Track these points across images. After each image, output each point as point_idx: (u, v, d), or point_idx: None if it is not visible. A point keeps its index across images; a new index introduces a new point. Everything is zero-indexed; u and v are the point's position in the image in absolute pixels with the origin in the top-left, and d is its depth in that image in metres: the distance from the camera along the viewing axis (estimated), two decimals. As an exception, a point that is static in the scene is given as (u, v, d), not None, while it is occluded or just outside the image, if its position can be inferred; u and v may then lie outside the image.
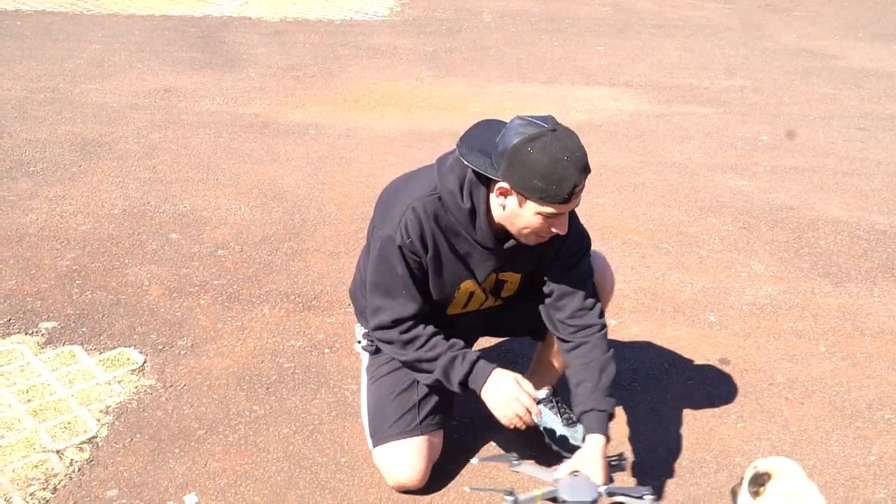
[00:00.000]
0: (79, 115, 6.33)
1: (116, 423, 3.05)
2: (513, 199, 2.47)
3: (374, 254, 2.66)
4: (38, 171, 5.31)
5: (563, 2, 11.20)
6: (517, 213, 2.49)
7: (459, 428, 3.09)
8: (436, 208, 2.59)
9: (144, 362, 3.42)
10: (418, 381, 2.81)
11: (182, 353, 3.50)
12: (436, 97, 7.04)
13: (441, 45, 8.83)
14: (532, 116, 2.46)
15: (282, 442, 3.00)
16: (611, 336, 3.61)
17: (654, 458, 2.98)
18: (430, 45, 8.81)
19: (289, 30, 9.30)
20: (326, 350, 3.54)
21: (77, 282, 4.01)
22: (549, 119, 2.45)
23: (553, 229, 2.50)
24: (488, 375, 2.62)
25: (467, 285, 2.73)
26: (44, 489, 2.72)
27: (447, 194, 2.57)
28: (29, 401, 3.16)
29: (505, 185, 2.45)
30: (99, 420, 3.06)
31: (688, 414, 3.23)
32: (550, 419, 2.97)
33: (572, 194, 2.40)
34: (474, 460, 2.85)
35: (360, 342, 3.00)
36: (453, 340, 2.67)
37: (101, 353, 3.47)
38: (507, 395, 2.59)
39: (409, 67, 7.96)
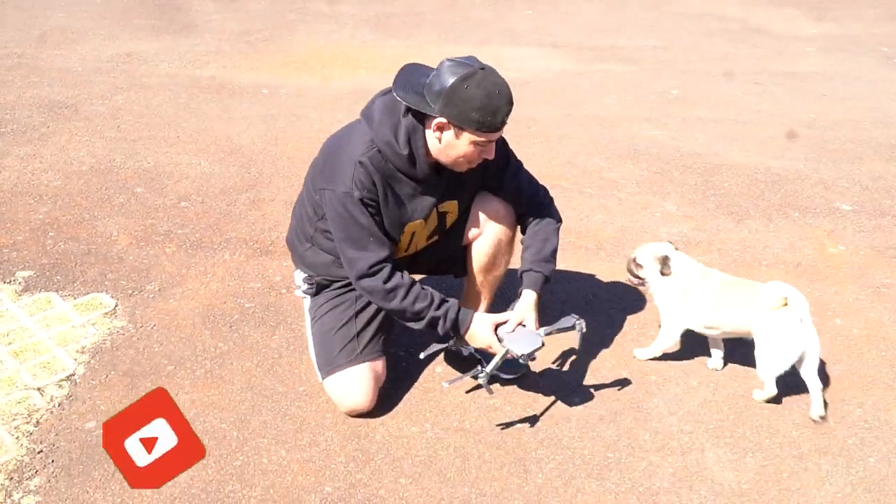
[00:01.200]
0: (45, 79, 6.13)
1: (92, 361, 3.01)
2: (449, 133, 2.53)
3: (333, 212, 2.64)
4: (9, 131, 5.14)
5: (493, -30, 11.07)
6: (453, 144, 2.55)
7: (405, 357, 3.10)
8: (378, 159, 2.60)
9: (116, 306, 3.37)
10: (356, 315, 2.84)
11: (150, 296, 3.45)
12: (379, 58, 6.95)
13: (382, 11, 8.69)
14: (458, 58, 2.51)
15: (245, 374, 2.98)
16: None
17: (580, 377, 3.03)
18: (372, 11, 8.67)
19: (241, -2, 9.07)
20: (283, 290, 3.52)
21: (50, 234, 3.91)
22: (472, 59, 2.50)
23: (483, 156, 2.59)
24: (468, 325, 2.68)
25: (411, 227, 2.75)
26: (27, 423, 2.68)
27: (384, 145, 2.58)
28: (10, 343, 3.09)
29: (443, 120, 2.49)
30: (76, 359, 3.01)
31: (608, 338, 3.28)
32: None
33: (503, 123, 2.50)
34: (445, 384, 2.88)
35: (299, 287, 2.99)
36: (431, 293, 2.67)
37: (75, 299, 3.40)
38: (482, 343, 2.69)
39: (353, 31, 7.83)
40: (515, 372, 2.98)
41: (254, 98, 5.92)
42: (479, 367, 2.69)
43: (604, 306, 3.51)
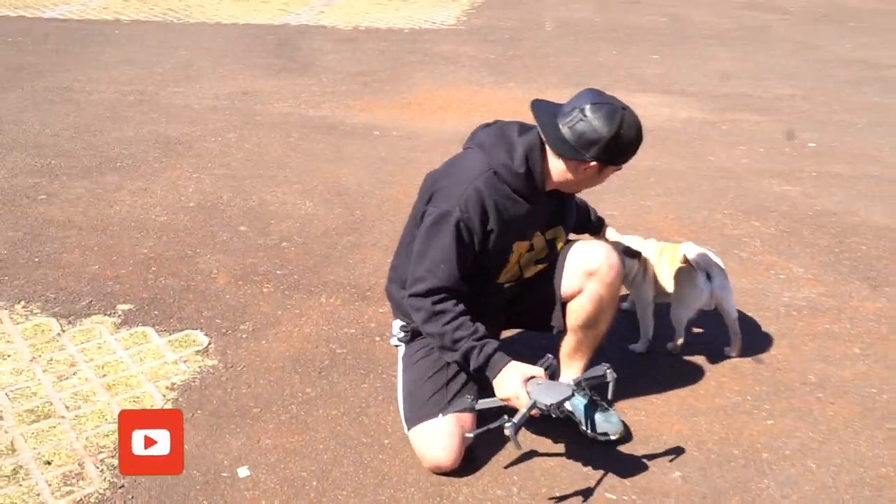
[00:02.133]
0: (163, 116, 6.48)
1: (180, 399, 3.12)
2: (594, 170, 2.72)
3: (425, 226, 2.74)
4: (125, 166, 5.45)
5: (622, 12, 11.09)
6: (593, 179, 2.77)
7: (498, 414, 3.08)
8: (494, 182, 2.72)
9: (209, 344, 3.49)
10: (448, 364, 2.86)
11: (243, 336, 3.56)
12: (494, 102, 7.04)
13: (503, 53, 8.82)
14: (589, 95, 2.72)
15: (330, 423, 3.03)
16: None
17: (685, 452, 2.94)
18: (492, 53, 8.80)
19: (360, 38, 9.39)
20: (377, 338, 3.57)
21: (152, 268, 4.11)
22: (594, 93, 2.74)
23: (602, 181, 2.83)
24: (500, 369, 2.66)
25: (519, 247, 2.85)
26: (112, 457, 2.79)
27: (501, 167, 2.72)
28: (104, 376, 3.25)
29: (594, 164, 2.67)
30: (164, 396, 3.14)
31: (719, 409, 3.18)
32: (583, 406, 2.95)
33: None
34: (468, 435, 2.79)
35: (395, 335, 3.06)
36: (477, 326, 2.70)
37: (170, 335, 3.55)
38: (509, 393, 2.64)
39: (470, 74, 7.96)
40: (613, 433, 2.92)
41: (365, 139, 6.09)
42: (506, 417, 2.62)
43: (715, 373, 3.41)
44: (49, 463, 2.77)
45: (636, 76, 8.06)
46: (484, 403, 2.71)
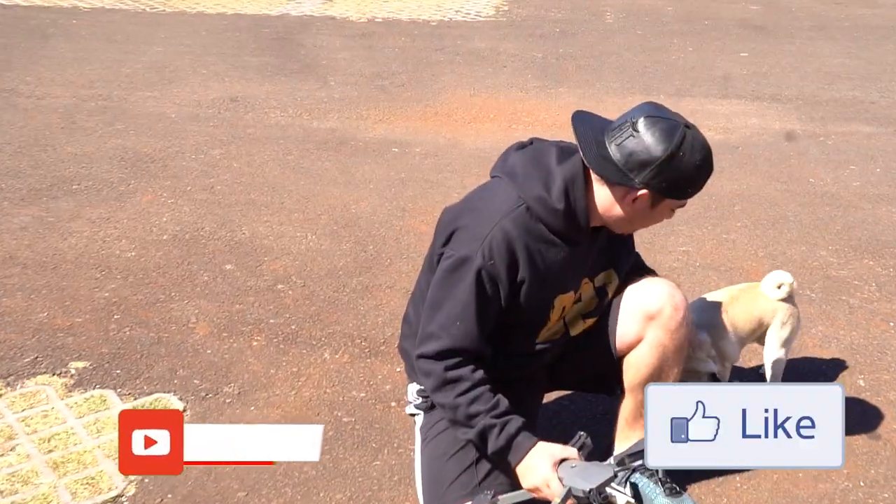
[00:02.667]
0: (132, 127, 6.56)
1: (146, 480, 3.12)
2: (645, 202, 2.65)
3: (441, 273, 2.73)
4: (82, 189, 5.52)
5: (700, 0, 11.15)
6: (646, 214, 2.71)
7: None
8: (526, 221, 2.68)
9: (184, 411, 3.49)
10: None
11: (228, 401, 3.57)
12: (542, 112, 7.07)
13: (552, 51, 8.87)
14: (647, 110, 2.63)
15: (334, 510, 3.02)
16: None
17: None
18: (539, 51, 8.85)
19: (377, 32, 9.49)
20: (393, 404, 3.57)
21: (115, 316, 4.13)
22: (654, 107, 2.64)
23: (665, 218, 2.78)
24: (526, 452, 2.64)
25: (562, 300, 2.82)
26: None
27: (535, 201, 2.67)
28: (49, 451, 3.26)
29: (645, 192, 2.62)
30: (127, 476, 3.13)
31: (824, 496, 3.14)
32: (650, 489, 2.92)
33: (700, 189, 2.70)
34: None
35: (411, 402, 3.06)
36: (497, 399, 2.67)
37: (136, 399, 3.56)
38: (537, 481, 2.60)
39: (512, 77, 8.01)
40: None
41: (381, 157, 6.12)
42: None
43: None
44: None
45: (718, 79, 8.06)
46: (508, 499, 2.68)
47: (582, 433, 2.67)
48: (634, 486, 2.92)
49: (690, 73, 8.24)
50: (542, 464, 2.60)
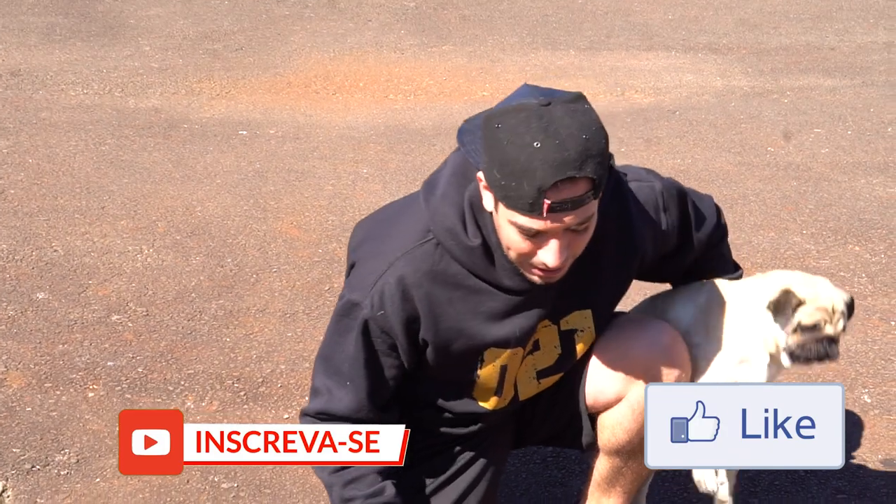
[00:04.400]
0: None
1: (-31, 585, 3.00)
2: (490, 201, 2.45)
3: (333, 316, 2.68)
4: None
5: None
6: (499, 224, 2.45)
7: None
8: (432, 262, 2.56)
9: (3, 492, 3.38)
10: (432, 497, 2.87)
11: (63, 472, 3.46)
12: (425, 77, 7.07)
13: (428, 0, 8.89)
14: (549, 90, 2.44)
15: None
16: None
17: None
18: (411, 0, 8.86)
19: (198, -19, 9.38)
20: (286, 460, 3.51)
21: None
22: (570, 95, 2.38)
23: (539, 254, 2.41)
24: None
25: (495, 358, 2.69)
26: None
27: (445, 235, 2.54)
28: None
29: (482, 176, 2.41)
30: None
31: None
32: None
33: (539, 203, 2.29)
34: None
35: None
36: (383, 485, 2.68)
37: (-67, 482, 3.42)
38: None
39: (381, 33, 8.00)
40: None
41: (225, 143, 6.04)
42: None
43: (825, 486, 3.43)
44: None
45: (639, 26, 8.20)
46: None
47: None
48: None
49: (604, 20, 8.36)
50: None
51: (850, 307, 2.80)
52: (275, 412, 3.75)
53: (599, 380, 2.83)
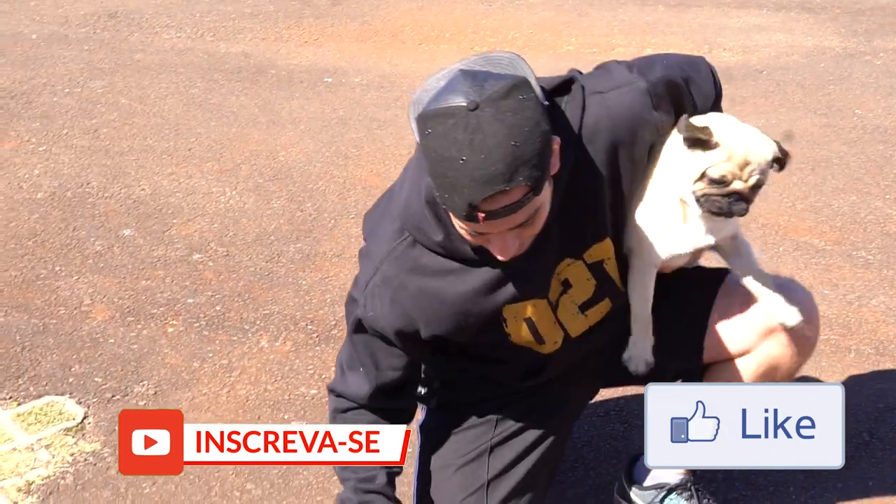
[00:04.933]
0: (-20, 52, 6.48)
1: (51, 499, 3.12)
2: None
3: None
4: (-76, 135, 5.46)
5: None
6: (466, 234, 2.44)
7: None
8: (413, 259, 2.56)
9: (84, 417, 3.49)
10: (491, 451, 2.86)
11: (141, 403, 3.57)
12: (512, 29, 7.06)
13: (519, -50, 8.87)
14: (484, 76, 2.31)
15: (290, 538, 3.05)
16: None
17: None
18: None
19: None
20: (354, 402, 3.58)
21: (-15, 298, 4.11)
22: (504, 87, 2.28)
23: (490, 248, 2.42)
24: None
25: (515, 314, 2.67)
26: None
27: (417, 232, 2.53)
28: None
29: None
30: (16, 502, 3.12)
31: (901, 506, 3.22)
32: None
33: (474, 215, 2.27)
34: None
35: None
36: (374, 474, 2.74)
37: (19, 405, 3.54)
38: None
39: (473, -17, 8.00)
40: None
41: (311, 90, 6.10)
42: None
43: (891, 453, 3.44)
44: None
45: (732, -16, 8.12)
46: None
47: None
48: None
49: (698, -25, 8.29)
50: None
51: (780, 161, 2.65)
52: (346, 354, 3.82)
53: (732, 332, 2.85)
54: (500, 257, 2.39)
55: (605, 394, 3.38)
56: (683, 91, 2.66)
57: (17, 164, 5.15)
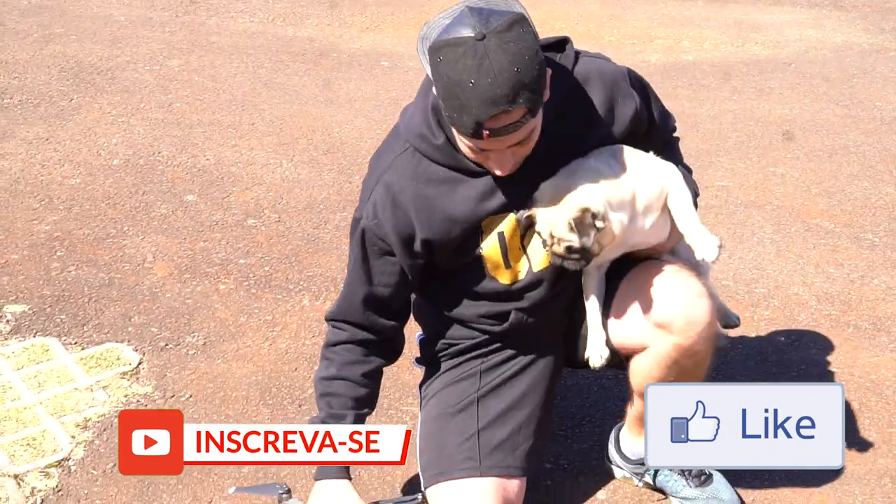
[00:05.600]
0: (73, 31, 6.55)
1: (97, 442, 3.17)
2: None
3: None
4: (15, 104, 5.53)
5: None
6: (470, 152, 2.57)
7: (554, 471, 3.13)
8: (413, 167, 2.65)
9: (140, 363, 3.54)
10: (479, 400, 2.89)
11: (190, 352, 3.62)
12: (558, 20, 7.04)
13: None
14: (488, 11, 2.43)
15: (315, 478, 3.07)
16: (780, 358, 3.63)
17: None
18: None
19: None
20: (383, 358, 3.61)
21: (58, 253, 4.17)
22: (506, 21, 2.39)
23: (489, 163, 2.55)
24: (328, 478, 2.75)
25: (491, 226, 2.72)
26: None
27: (416, 140, 2.64)
28: (-18, 407, 3.32)
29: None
30: (74, 437, 3.18)
31: (884, 475, 3.16)
32: (673, 481, 2.99)
33: (479, 132, 2.41)
34: (231, 490, 2.91)
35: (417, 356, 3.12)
36: (354, 415, 2.77)
37: (83, 349, 3.60)
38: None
39: (524, -25, 7.97)
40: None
41: (368, 72, 6.13)
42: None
43: (881, 420, 3.41)
44: None
45: (768, -18, 8.04)
46: None
47: (419, 496, 2.84)
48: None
49: (734, -26, 8.22)
50: (340, 489, 2.73)
51: (579, 221, 2.55)
52: (379, 314, 3.84)
53: (625, 325, 2.81)
54: (497, 172, 2.54)
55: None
56: (650, 90, 2.82)
57: (97, 133, 5.23)
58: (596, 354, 2.79)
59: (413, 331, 3.26)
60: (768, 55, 6.53)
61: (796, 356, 3.69)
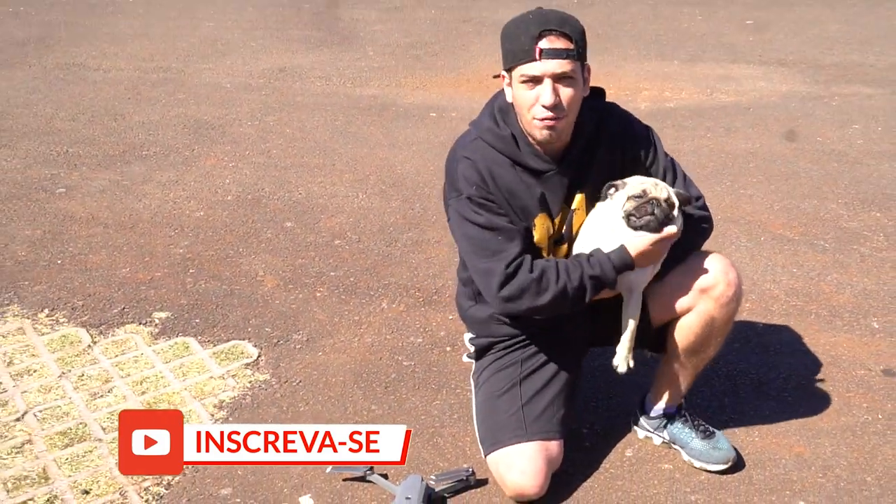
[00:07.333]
0: (192, 97, 6.58)
1: (230, 418, 3.16)
2: (508, 86, 2.63)
3: (454, 225, 2.74)
4: (151, 154, 5.54)
5: (707, -29, 11.03)
6: (515, 99, 2.61)
7: (589, 435, 3.09)
8: (482, 148, 2.68)
9: (259, 356, 3.53)
10: (521, 382, 2.88)
11: (297, 347, 3.60)
12: (566, 77, 7.02)
13: (572, 21, 8.80)
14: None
15: (401, 445, 3.05)
16: (759, 341, 3.59)
17: (808, 478, 2.91)
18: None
19: (408, 5, 9.45)
20: (448, 348, 3.59)
21: (191, 270, 4.17)
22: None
23: (539, 101, 2.53)
24: (625, 251, 2.64)
25: (542, 220, 2.73)
26: (157, 485, 2.83)
27: (485, 132, 2.68)
28: (143, 393, 3.30)
29: (503, 71, 2.63)
30: (213, 415, 3.18)
31: (846, 430, 3.14)
32: (685, 434, 2.95)
33: (532, 47, 2.48)
34: (328, 469, 2.85)
35: (468, 350, 3.10)
36: (573, 259, 2.68)
37: (214, 346, 3.59)
38: (648, 250, 2.65)
39: (537, 45, 7.96)
40: (724, 462, 2.91)
41: (420, 122, 6.12)
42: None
43: (838, 388, 3.37)
44: (87, 492, 2.81)
45: (727, 45, 8.00)
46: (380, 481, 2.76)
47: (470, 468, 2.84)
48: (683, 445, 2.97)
49: (701, 40, 8.18)
50: (642, 242, 2.63)
51: (671, 202, 2.65)
52: (442, 314, 3.83)
53: (674, 297, 2.82)
54: (543, 104, 2.52)
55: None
56: (663, 150, 2.84)
57: (214, 175, 5.24)
58: (624, 363, 2.84)
59: (461, 331, 3.26)
60: (732, 102, 6.49)
61: (773, 338, 3.66)
